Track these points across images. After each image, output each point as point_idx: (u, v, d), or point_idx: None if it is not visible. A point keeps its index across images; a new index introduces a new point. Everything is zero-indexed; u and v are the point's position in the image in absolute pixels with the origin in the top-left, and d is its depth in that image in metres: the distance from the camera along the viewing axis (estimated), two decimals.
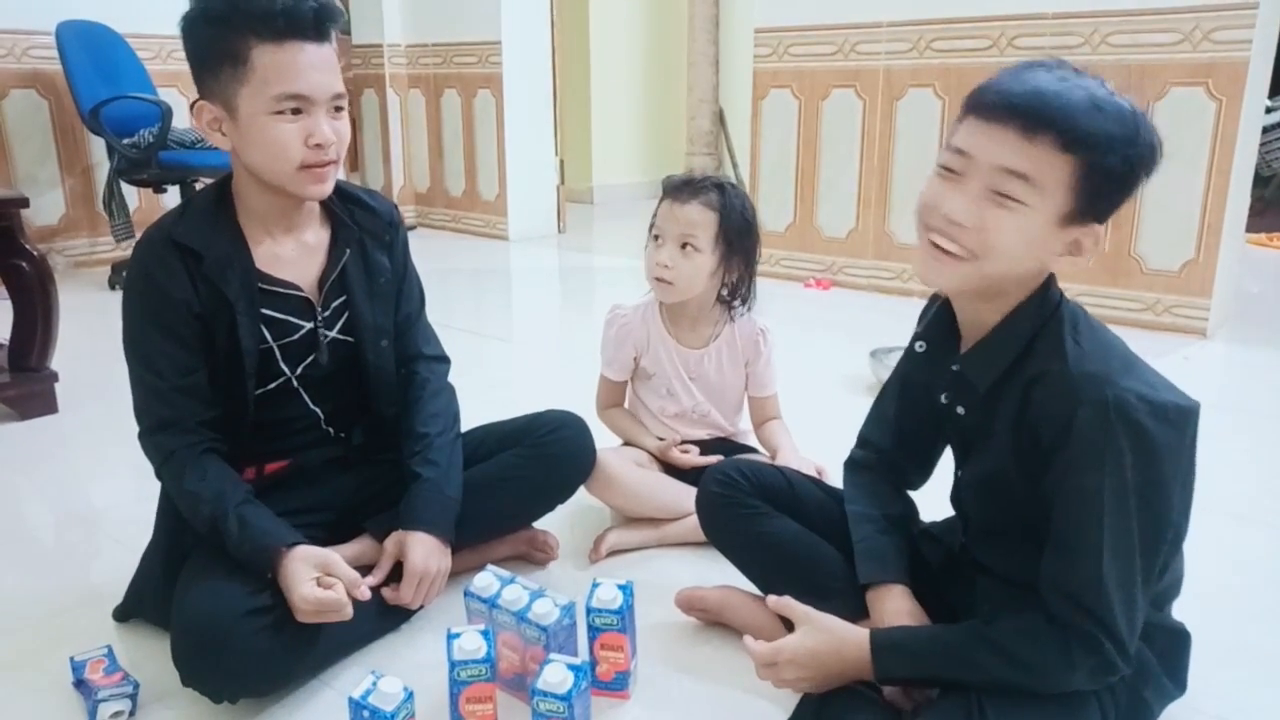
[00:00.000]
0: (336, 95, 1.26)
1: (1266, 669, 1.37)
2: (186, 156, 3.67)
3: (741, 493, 1.37)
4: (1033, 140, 0.93)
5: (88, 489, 2.05)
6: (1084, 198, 0.95)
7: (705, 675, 1.34)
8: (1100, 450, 0.94)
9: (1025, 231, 0.96)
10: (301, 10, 1.20)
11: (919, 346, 1.18)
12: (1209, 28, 2.96)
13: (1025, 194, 0.95)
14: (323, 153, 1.25)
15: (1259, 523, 1.85)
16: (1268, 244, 4.81)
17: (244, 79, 1.21)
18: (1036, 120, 0.93)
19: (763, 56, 4.05)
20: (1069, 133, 0.92)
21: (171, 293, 1.27)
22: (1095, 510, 0.95)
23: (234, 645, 1.17)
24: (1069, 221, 0.97)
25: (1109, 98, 0.96)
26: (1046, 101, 0.93)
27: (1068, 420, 0.95)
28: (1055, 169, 0.94)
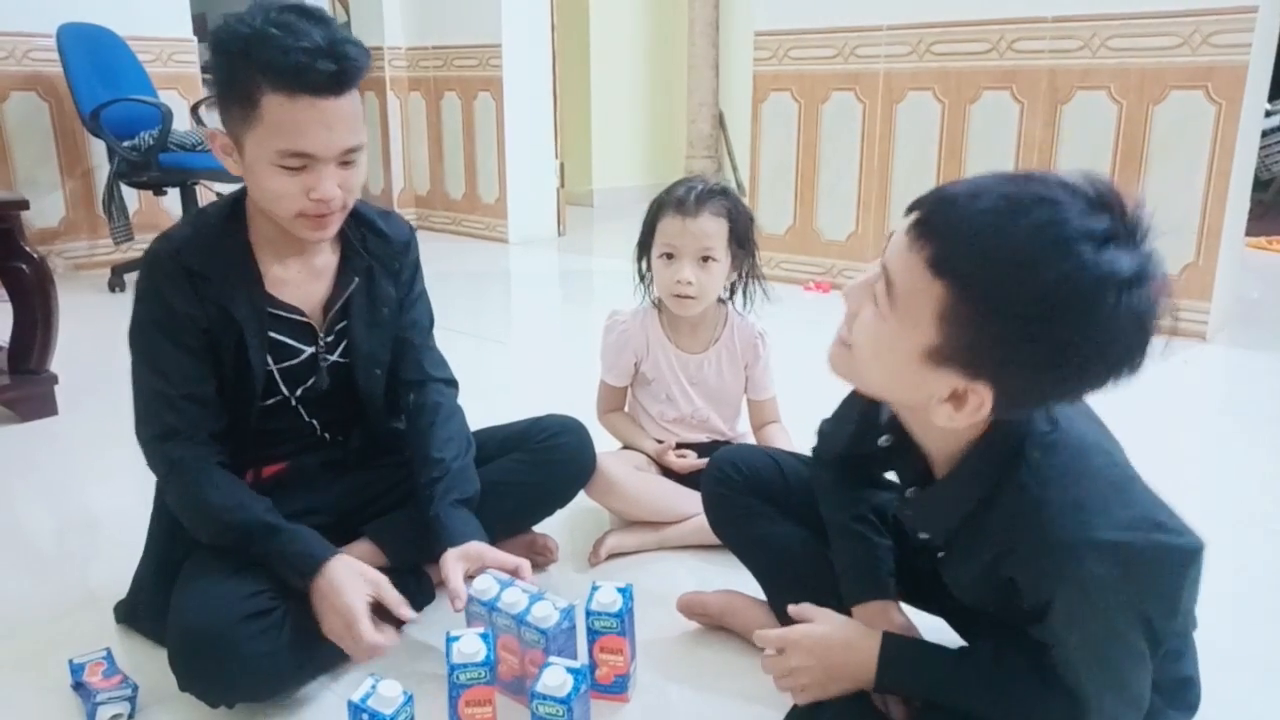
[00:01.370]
0: (348, 150, 1.21)
1: (1270, 674, 1.36)
2: (186, 159, 3.67)
3: (736, 490, 1.36)
4: (912, 246, 0.81)
5: (87, 491, 2.05)
6: (957, 342, 0.80)
7: (704, 679, 1.34)
8: (1084, 617, 0.87)
9: (875, 340, 0.87)
10: (319, 70, 1.13)
11: (884, 440, 1.06)
12: (1208, 31, 2.96)
13: (885, 300, 0.85)
14: (323, 205, 1.22)
15: (1261, 527, 1.85)
16: (1268, 248, 4.81)
17: (252, 123, 1.17)
18: (925, 225, 0.81)
19: (763, 60, 4.05)
20: (940, 250, 0.79)
21: (180, 308, 1.27)
22: (1094, 657, 0.90)
23: (231, 650, 1.17)
24: (937, 362, 0.83)
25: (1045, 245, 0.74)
26: (940, 210, 0.81)
27: (1046, 598, 0.88)
28: (917, 284, 0.81)
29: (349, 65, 1.16)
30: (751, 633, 1.37)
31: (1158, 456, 0.99)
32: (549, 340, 3.53)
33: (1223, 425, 2.46)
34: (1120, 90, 3.16)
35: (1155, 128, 3.12)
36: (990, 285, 0.77)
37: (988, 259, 0.76)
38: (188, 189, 3.87)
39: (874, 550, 1.21)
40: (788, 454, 1.43)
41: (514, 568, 1.31)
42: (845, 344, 0.92)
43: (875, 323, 0.87)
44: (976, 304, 0.78)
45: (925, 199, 0.82)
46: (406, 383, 1.49)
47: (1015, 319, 0.77)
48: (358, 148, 1.23)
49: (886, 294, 0.84)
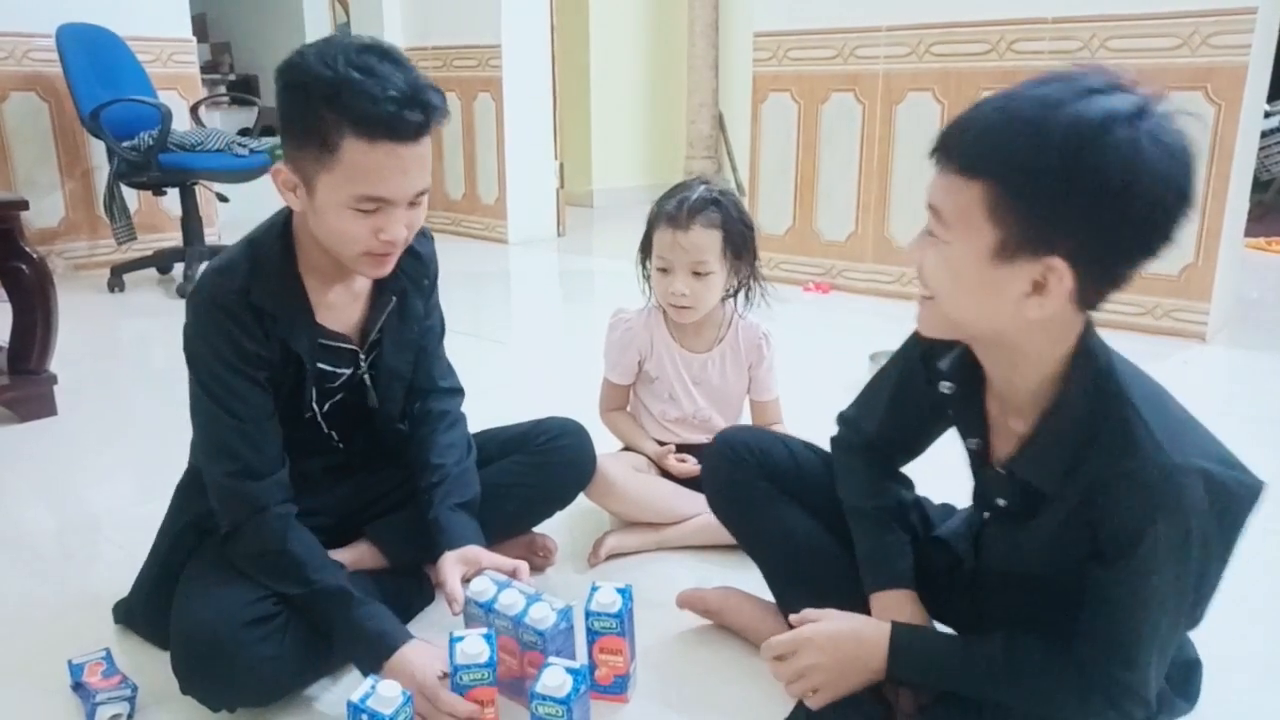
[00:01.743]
0: (419, 193, 1.21)
1: (1269, 675, 1.37)
2: (186, 159, 3.67)
3: (747, 471, 1.33)
4: (944, 171, 0.89)
5: (86, 492, 2.05)
6: (1014, 227, 0.85)
7: (704, 679, 1.34)
8: (1173, 551, 0.89)
9: (949, 266, 0.90)
10: (406, 121, 1.12)
11: (946, 387, 1.08)
12: (1208, 32, 2.96)
13: (939, 228, 0.90)
14: (391, 246, 1.22)
15: (1260, 527, 1.84)
16: (1267, 248, 4.81)
17: (329, 166, 1.14)
18: (944, 150, 0.89)
19: (762, 60, 4.05)
20: (962, 154, 0.86)
21: (250, 347, 1.25)
22: (1156, 605, 0.92)
23: (234, 655, 1.17)
24: (1007, 255, 0.86)
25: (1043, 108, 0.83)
26: (955, 126, 0.88)
27: (1145, 525, 0.88)
28: (961, 197, 0.87)
29: (434, 113, 1.16)
30: (749, 630, 1.38)
31: None
32: (549, 341, 3.53)
33: (1222, 426, 2.44)
34: None
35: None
36: (1016, 161, 0.83)
37: (1004, 141, 0.83)
38: (187, 189, 3.88)
39: (897, 540, 1.20)
40: (797, 439, 1.41)
41: (511, 570, 1.31)
42: (927, 299, 0.96)
43: (941, 256, 0.91)
44: (1012, 184, 0.83)
45: (940, 133, 0.89)
46: (414, 390, 1.49)
47: (1050, 182, 0.81)
48: (427, 190, 1.23)
49: (939, 223, 0.89)
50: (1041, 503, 1.00)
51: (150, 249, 4.11)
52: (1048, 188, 0.82)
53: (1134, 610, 0.93)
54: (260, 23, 8.28)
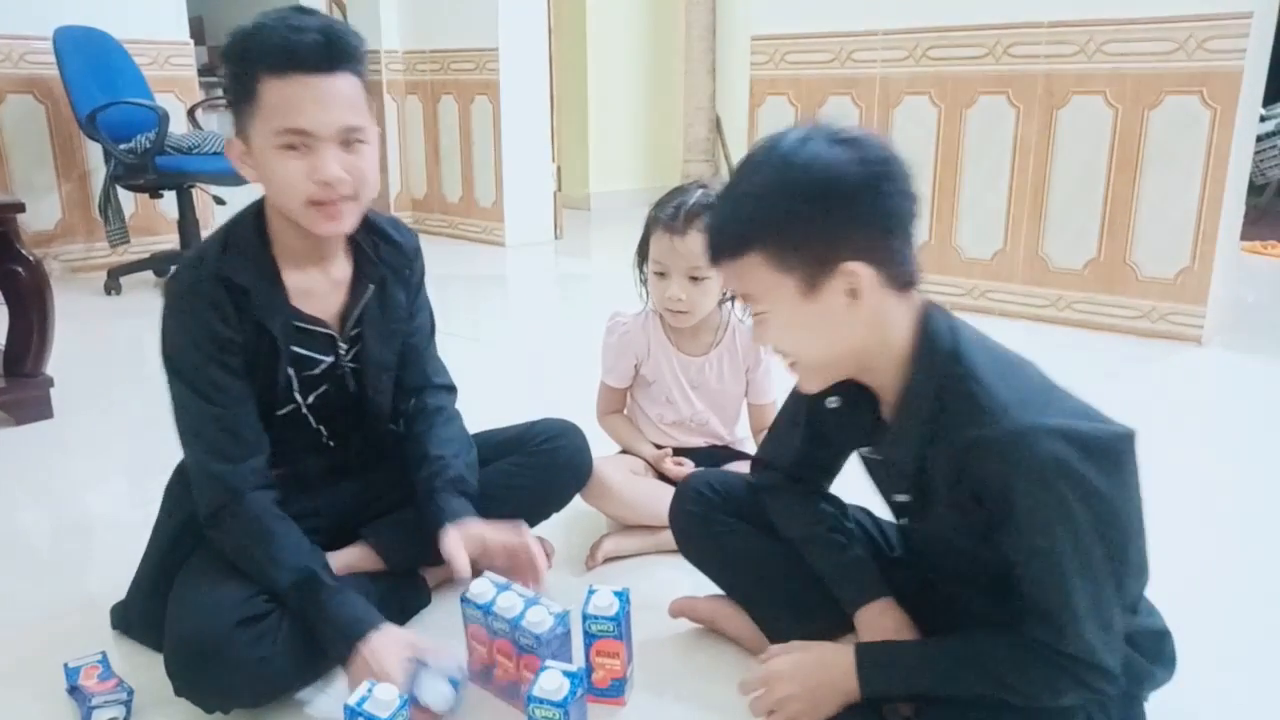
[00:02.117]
0: (347, 129, 1.21)
1: (1266, 677, 1.37)
2: (183, 162, 3.67)
3: (712, 509, 1.36)
4: (725, 267, 1.02)
5: (83, 494, 2.05)
6: (793, 266, 0.98)
7: (701, 682, 1.34)
8: (1048, 510, 0.93)
9: (787, 325, 1.02)
10: (304, 42, 1.16)
11: (832, 402, 1.14)
12: (1203, 37, 2.97)
13: (755, 302, 1.02)
14: (330, 190, 1.21)
15: (1253, 530, 1.85)
16: (1263, 251, 4.83)
17: (255, 113, 1.19)
18: (714, 253, 1.03)
19: (759, 64, 4.06)
20: (724, 242, 1.00)
21: (221, 329, 1.26)
22: (1059, 566, 0.95)
23: (226, 656, 1.17)
24: (812, 287, 0.98)
25: (754, 175, 0.99)
26: (710, 230, 1.04)
27: (1007, 489, 0.94)
28: (746, 270, 1.00)
29: (336, 39, 1.19)
30: (742, 637, 1.39)
31: (1152, 459, 1.00)
32: (546, 344, 3.53)
33: (1217, 429, 2.46)
34: (1116, 95, 3.17)
35: (1151, 132, 3.13)
36: (758, 221, 0.98)
37: (742, 214, 0.99)
38: (184, 192, 3.87)
39: (856, 555, 1.22)
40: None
41: (517, 539, 1.32)
42: (792, 363, 1.07)
43: (772, 325, 1.03)
44: (770, 237, 0.97)
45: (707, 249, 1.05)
46: (407, 388, 1.50)
47: (787, 216, 0.96)
48: (358, 129, 1.22)
49: (754, 303, 1.02)
50: (927, 488, 1.05)
51: (147, 252, 4.11)
52: (789, 220, 0.96)
53: (1044, 576, 0.96)
54: None
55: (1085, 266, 3.33)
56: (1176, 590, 1.18)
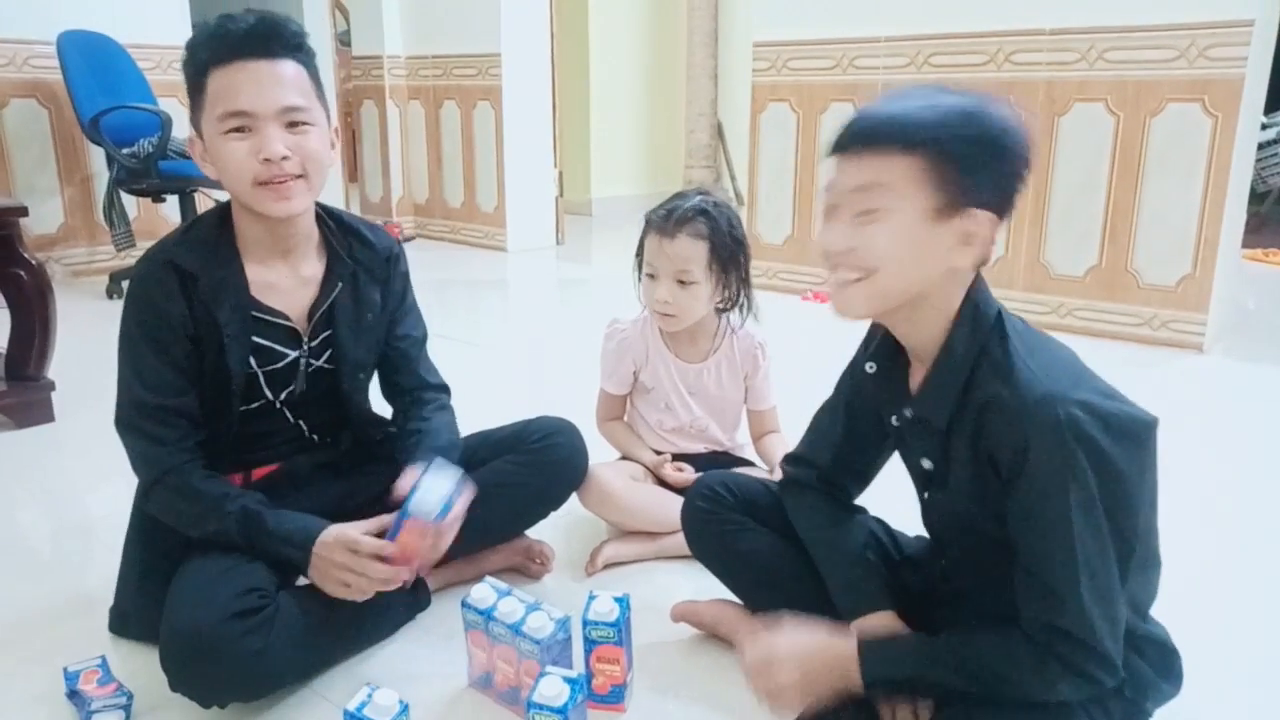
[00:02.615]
0: (287, 109, 1.24)
1: (1270, 683, 1.37)
2: (186, 166, 3.67)
3: (725, 507, 1.37)
4: (870, 153, 0.99)
5: (84, 498, 2.05)
6: (945, 187, 0.97)
7: (702, 689, 1.34)
8: (1061, 473, 0.93)
9: (898, 233, 0.98)
10: (239, 30, 1.23)
11: (869, 367, 1.17)
12: (1205, 44, 2.98)
13: (880, 199, 0.98)
14: (274, 168, 1.24)
15: (1255, 535, 1.85)
16: (1264, 259, 4.83)
17: (203, 104, 1.25)
18: (866, 136, 0.99)
19: (761, 70, 4.07)
20: (896, 134, 0.97)
21: (168, 314, 1.28)
22: (1065, 533, 0.94)
23: (219, 649, 1.17)
24: (943, 215, 0.98)
25: (937, 97, 1.00)
26: (870, 117, 1.00)
27: (1023, 447, 0.95)
28: (898, 168, 0.97)
29: (272, 26, 1.24)
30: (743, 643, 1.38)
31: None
32: (547, 349, 3.53)
33: (1219, 436, 2.46)
34: (1117, 102, 3.18)
35: (1152, 140, 3.13)
36: (945, 134, 0.96)
37: (936, 122, 0.97)
38: (187, 196, 3.88)
39: (866, 564, 1.22)
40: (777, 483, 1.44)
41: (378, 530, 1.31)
42: (857, 280, 1.02)
43: (888, 228, 0.98)
44: (943, 152, 0.96)
45: (849, 128, 1.01)
46: (402, 390, 1.52)
47: (969, 147, 0.97)
48: (300, 108, 1.26)
49: (880, 196, 0.98)
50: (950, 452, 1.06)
51: None
52: (967, 147, 0.97)
53: (1049, 543, 0.96)
54: None
55: (1086, 274, 3.33)
56: (1177, 594, 1.18)
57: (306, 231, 1.38)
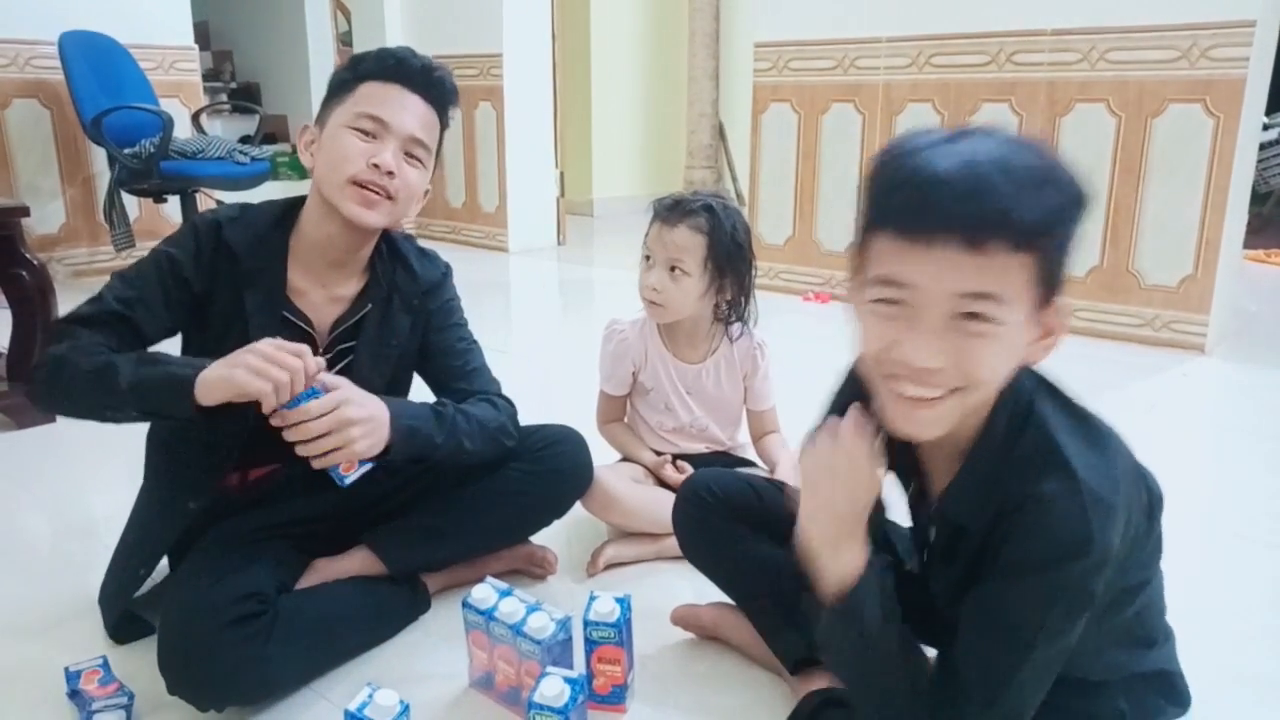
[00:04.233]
0: (413, 138, 1.33)
1: (1269, 689, 1.36)
2: (187, 166, 3.68)
3: (711, 511, 1.36)
4: (981, 251, 0.78)
5: (84, 499, 2.05)
6: (1044, 285, 0.82)
7: (703, 689, 1.34)
8: (1064, 590, 0.85)
9: (1007, 348, 0.83)
10: (413, 64, 1.35)
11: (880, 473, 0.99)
12: (1206, 45, 2.97)
13: (993, 310, 0.80)
14: (377, 174, 1.29)
15: (1259, 542, 1.85)
16: (1266, 260, 4.82)
17: (343, 101, 1.33)
18: (979, 228, 0.77)
19: (762, 71, 4.07)
20: (1018, 227, 0.78)
21: (184, 267, 1.30)
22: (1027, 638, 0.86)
23: (219, 656, 1.18)
24: (1036, 311, 0.84)
25: (1033, 161, 0.80)
26: (979, 199, 0.77)
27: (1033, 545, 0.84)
28: (1012, 271, 0.79)
29: (440, 76, 1.37)
30: (744, 645, 1.38)
31: (1155, 469, 1.00)
32: (549, 350, 3.53)
33: (1220, 438, 2.46)
34: (1119, 103, 3.17)
35: (1154, 140, 3.13)
36: (1066, 220, 0.81)
37: (1056, 206, 0.79)
38: (188, 196, 3.88)
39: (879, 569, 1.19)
40: (762, 479, 1.44)
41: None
42: (953, 392, 0.84)
43: (1001, 345, 0.82)
44: (1054, 245, 0.81)
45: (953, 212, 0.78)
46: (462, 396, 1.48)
47: (1069, 229, 0.82)
48: (424, 145, 1.35)
49: (985, 307, 0.80)
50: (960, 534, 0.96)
51: None
52: (1068, 237, 0.82)
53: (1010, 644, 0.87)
54: (262, 31, 8.30)
55: (1088, 274, 3.33)
56: (1177, 598, 1.18)
57: (362, 252, 1.40)
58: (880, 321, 0.84)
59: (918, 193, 0.78)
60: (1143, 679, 1.04)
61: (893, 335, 0.83)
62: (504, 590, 1.29)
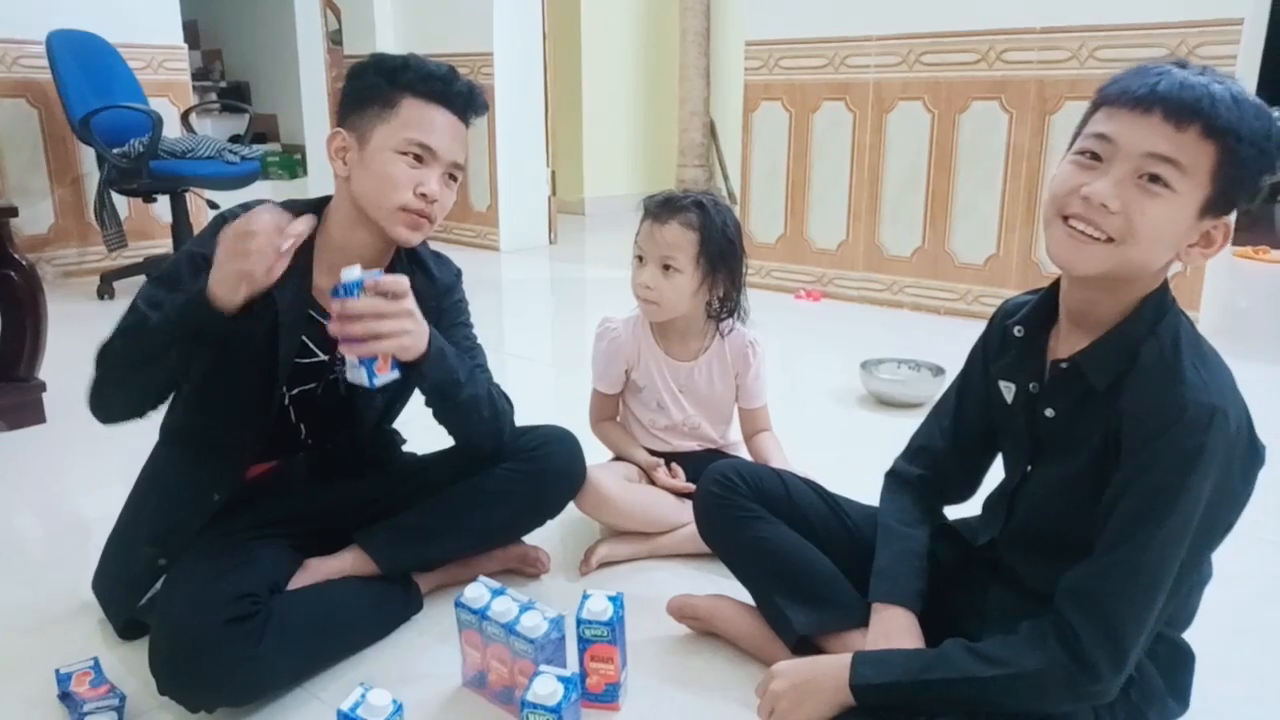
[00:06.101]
0: (455, 164, 1.36)
1: (1262, 683, 1.37)
2: (177, 166, 3.66)
3: (739, 495, 1.37)
4: (1181, 128, 0.94)
5: (76, 499, 2.04)
6: (1220, 188, 0.96)
7: (696, 687, 1.34)
8: (1188, 461, 0.94)
9: (1172, 218, 0.97)
10: (456, 85, 1.36)
11: (1017, 331, 1.14)
12: (1195, 43, 2.99)
13: (1175, 180, 0.95)
14: (425, 203, 1.32)
15: (1252, 537, 1.85)
16: (1254, 256, 4.85)
17: (387, 119, 1.32)
18: (1184, 108, 0.94)
19: (753, 69, 4.07)
20: (1214, 121, 0.93)
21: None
22: (1163, 505, 0.95)
23: (212, 655, 1.17)
24: (1205, 212, 0.97)
25: (1245, 94, 0.97)
26: (1193, 92, 0.94)
27: (1174, 419, 0.96)
28: (1201, 156, 0.94)
29: (477, 97, 1.39)
30: (740, 638, 1.40)
31: None
32: (541, 349, 3.53)
33: None
34: None
35: None
36: (1254, 139, 0.94)
37: (1249, 124, 0.94)
38: (178, 196, 3.87)
39: (917, 563, 1.22)
40: (791, 473, 1.45)
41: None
42: (1107, 241, 0.98)
43: (1169, 206, 0.96)
44: (1244, 155, 0.94)
45: (1164, 92, 0.94)
46: None
47: (1265, 161, 0.96)
48: (460, 167, 1.38)
49: (1175, 171, 0.95)
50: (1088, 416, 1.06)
51: (140, 256, 4.10)
52: (1258, 160, 0.95)
53: (1145, 516, 0.96)
54: (251, 30, 8.28)
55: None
56: None
57: (387, 256, 1.42)
58: (1077, 169, 1.00)
59: (1151, 78, 0.96)
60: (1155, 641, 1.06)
61: (1084, 179, 0.98)
62: (497, 589, 1.29)
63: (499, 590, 1.29)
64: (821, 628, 1.26)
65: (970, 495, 1.33)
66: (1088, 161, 0.99)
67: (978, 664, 1.02)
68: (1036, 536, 1.15)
